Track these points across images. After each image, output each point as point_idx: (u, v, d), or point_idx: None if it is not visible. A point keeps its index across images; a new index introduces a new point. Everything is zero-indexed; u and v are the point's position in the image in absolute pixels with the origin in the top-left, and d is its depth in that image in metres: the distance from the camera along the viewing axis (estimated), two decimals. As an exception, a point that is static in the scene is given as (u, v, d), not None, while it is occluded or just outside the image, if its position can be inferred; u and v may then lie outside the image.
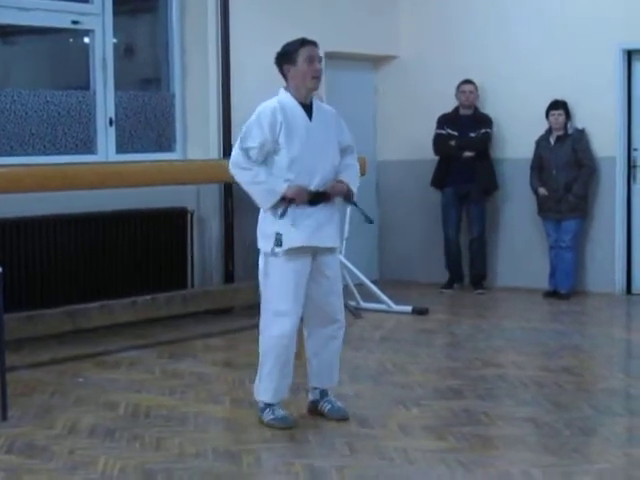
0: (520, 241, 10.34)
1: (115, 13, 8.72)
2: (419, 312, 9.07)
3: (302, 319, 5.73)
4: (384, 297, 9.22)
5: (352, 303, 9.15)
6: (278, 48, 5.75)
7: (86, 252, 8.26)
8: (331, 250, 5.72)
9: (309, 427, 5.64)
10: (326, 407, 5.81)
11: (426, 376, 6.84)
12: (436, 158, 10.33)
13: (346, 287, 9.24)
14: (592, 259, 10.01)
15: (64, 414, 5.94)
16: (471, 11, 10.52)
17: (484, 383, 6.69)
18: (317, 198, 5.62)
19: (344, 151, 5.78)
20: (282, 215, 5.52)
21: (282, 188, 5.52)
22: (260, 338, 5.69)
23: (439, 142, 10.27)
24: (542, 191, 9.82)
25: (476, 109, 10.29)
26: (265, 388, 5.68)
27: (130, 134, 8.96)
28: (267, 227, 5.61)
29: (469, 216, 10.33)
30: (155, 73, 9.65)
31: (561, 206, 9.74)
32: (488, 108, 10.33)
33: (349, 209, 9.29)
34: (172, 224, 8.84)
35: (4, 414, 5.79)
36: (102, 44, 8.66)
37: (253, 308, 6.65)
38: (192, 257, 9.01)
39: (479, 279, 10.33)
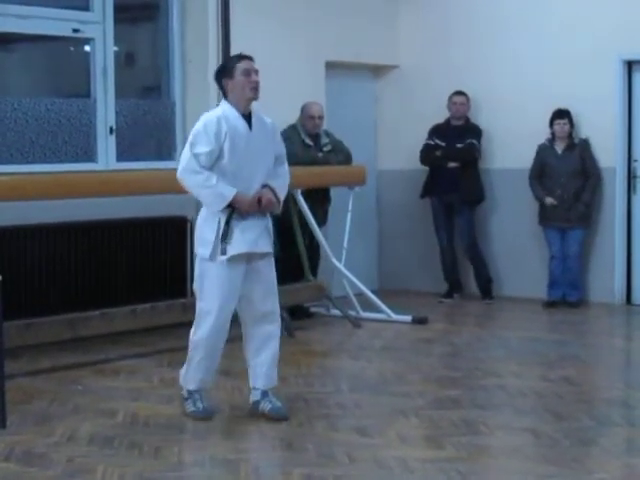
0: (517, 251, 10.31)
1: (116, 21, 8.72)
2: (419, 321, 9.05)
3: (241, 323, 6.01)
4: (384, 307, 9.21)
5: (352, 313, 9.15)
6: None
7: (86, 260, 8.26)
8: (266, 254, 5.96)
9: (307, 436, 5.63)
10: (267, 407, 5.98)
11: (425, 386, 6.83)
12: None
13: (346, 297, 9.29)
14: (592, 269, 9.99)
15: (63, 422, 5.94)
16: (471, 22, 10.51)
17: (483, 393, 6.69)
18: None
19: (276, 160, 6.02)
20: (224, 239, 5.77)
21: (231, 194, 5.76)
22: (191, 334, 5.96)
23: (425, 152, 10.27)
24: (550, 200, 9.74)
25: (467, 120, 10.27)
26: (191, 378, 6.02)
27: (130, 142, 8.95)
28: (207, 233, 5.83)
29: (457, 227, 10.31)
30: (156, 81, 9.65)
31: (570, 215, 9.71)
32: (486, 118, 10.32)
33: (349, 219, 9.31)
34: (172, 232, 8.83)
35: (3, 422, 5.78)
36: (103, 52, 8.66)
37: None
38: (192, 265, 8.97)
39: (486, 286, 10.24)
